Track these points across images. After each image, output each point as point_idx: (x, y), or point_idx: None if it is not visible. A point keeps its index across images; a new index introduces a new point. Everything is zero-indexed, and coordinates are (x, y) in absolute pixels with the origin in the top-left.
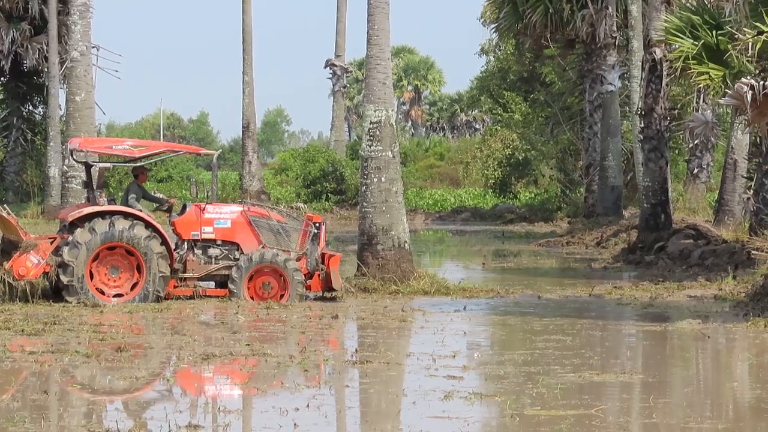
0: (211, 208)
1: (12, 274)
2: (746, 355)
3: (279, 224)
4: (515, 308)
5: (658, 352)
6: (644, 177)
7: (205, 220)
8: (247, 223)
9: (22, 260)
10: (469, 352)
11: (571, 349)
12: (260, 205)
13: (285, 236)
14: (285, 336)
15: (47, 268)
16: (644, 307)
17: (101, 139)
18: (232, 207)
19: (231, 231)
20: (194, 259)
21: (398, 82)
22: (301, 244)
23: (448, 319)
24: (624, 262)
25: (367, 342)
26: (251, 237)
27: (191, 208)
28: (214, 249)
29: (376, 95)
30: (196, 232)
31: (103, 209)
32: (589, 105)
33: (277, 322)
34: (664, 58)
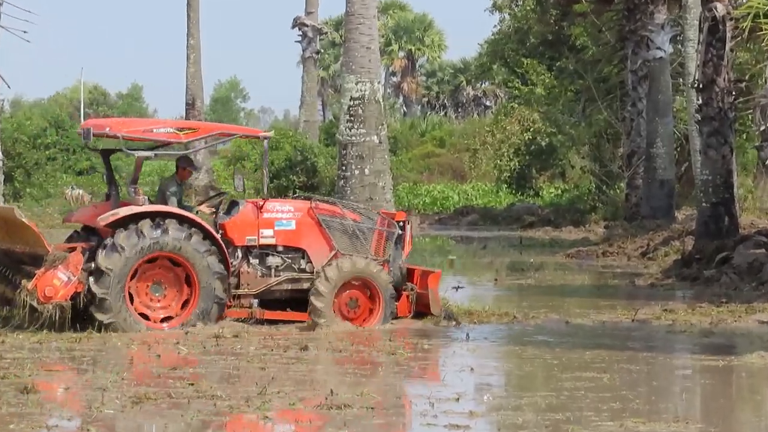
0: (270, 205)
1: (36, 295)
2: None
3: (354, 224)
4: (536, 337)
5: (720, 394)
6: (702, 168)
7: (264, 221)
8: (316, 223)
9: (49, 278)
10: (477, 394)
11: (608, 390)
12: (330, 201)
13: (362, 239)
14: (240, 373)
15: (80, 287)
16: (703, 336)
17: (138, 121)
18: (297, 203)
19: (296, 234)
20: (250, 271)
21: (387, 47)
22: (382, 249)
23: (450, 350)
24: (677, 278)
25: (347, 380)
26: (321, 241)
27: (245, 207)
28: (274, 257)
29: (358, 63)
30: (253, 236)
31: (144, 210)
32: (631, 76)
33: (230, 356)
34: (728, 16)
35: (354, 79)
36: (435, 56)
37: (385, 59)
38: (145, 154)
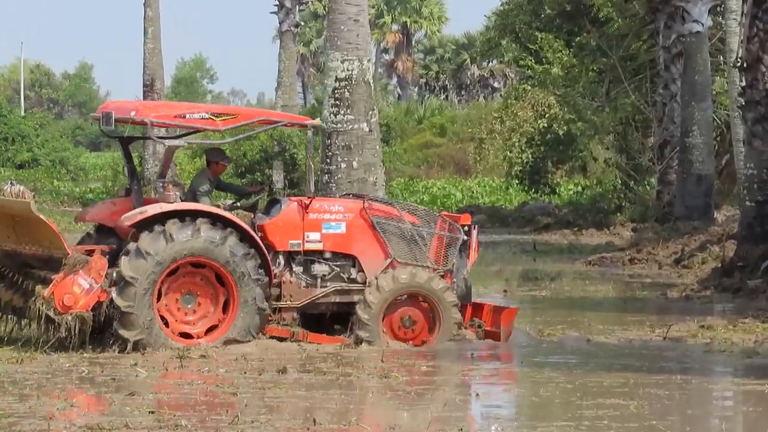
0: (317, 204)
1: (53, 304)
2: None
3: (413, 228)
4: (552, 358)
5: (766, 424)
6: (747, 161)
7: (311, 222)
8: (369, 226)
9: (68, 285)
10: (483, 424)
11: (636, 419)
12: (385, 201)
13: (422, 246)
14: (208, 399)
15: (103, 296)
16: (746, 357)
17: (168, 104)
18: (347, 203)
19: (346, 238)
20: (293, 281)
21: (378, 19)
22: (443, 258)
23: (451, 373)
24: (716, 289)
25: (331, 408)
26: (375, 247)
27: (289, 205)
28: (320, 265)
29: (345, 38)
30: (297, 240)
31: (175, 208)
32: (664, 54)
33: (198, 379)
34: None
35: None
36: (434, 30)
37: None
38: (177, 143)
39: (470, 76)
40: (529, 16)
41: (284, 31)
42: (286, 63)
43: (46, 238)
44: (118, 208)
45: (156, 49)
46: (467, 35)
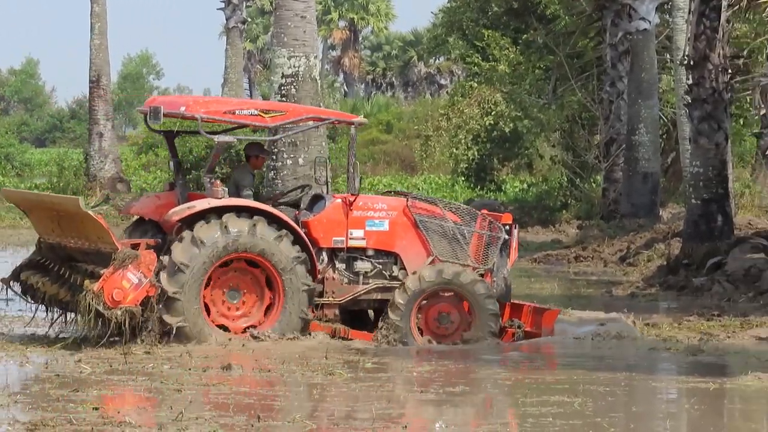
0: (361, 202)
1: (103, 299)
2: None
3: (455, 226)
4: (496, 355)
5: (710, 422)
6: (693, 159)
7: (354, 219)
8: (412, 224)
9: (117, 279)
10: (427, 421)
11: (580, 417)
12: (428, 199)
13: (464, 244)
14: (153, 395)
15: (152, 290)
16: (691, 354)
17: (218, 99)
18: (391, 200)
19: (389, 236)
20: (336, 277)
21: (325, 16)
22: (483, 256)
23: (396, 369)
24: (661, 287)
25: (276, 405)
26: (417, 245)
27: (333, 202)
28: (363, 262)
29: (291, 35)
30: (340, 237)
31: (224, 204)
32: (611, 51)
33: (142, 375)
34: None
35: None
36: (381, 27)
37: (323, 30)
38: (227, 139)
39: (417, 73)
40: (476, 14)
41: (231, 27)
42: (232, 59)
43: (94, 233)
44: (162, 203)
45: (102, 45)
46: (414, 32)
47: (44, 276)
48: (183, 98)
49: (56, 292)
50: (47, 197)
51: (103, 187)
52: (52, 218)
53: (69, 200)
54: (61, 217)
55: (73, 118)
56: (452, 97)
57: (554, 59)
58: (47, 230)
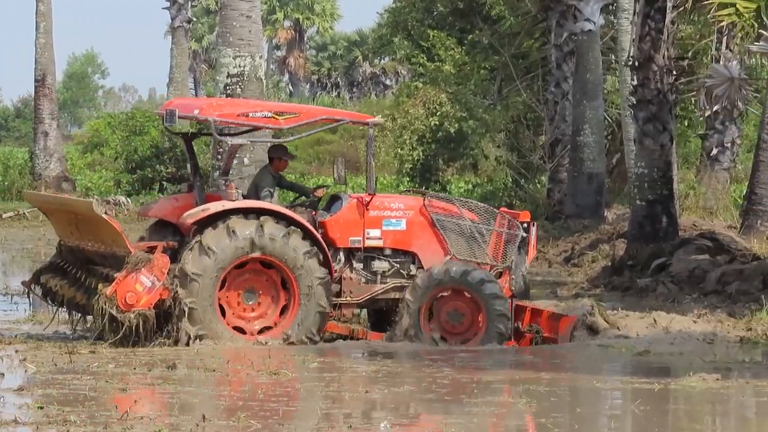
0: (378, 201)
1: (116, 303)
2: None
3: (473, 225)
4: (442, 355)
5: (655, 423)
6: (637, 160)
7: (371, 219)
8: (429, 224)
9: (130, 283)
10: (372, 420)
11: (524, 417)
12: (445, 198)
13: (482, 243)
14: (97, 394)
15: (165, 293)
16: (636, 354)
17: (232, 102)
18: (407, 200)
19: (406, 235)
20: (353, 277)
21: (270, 16)
22: (501, 254)
23: (341, 369)
24: (606, 287)
25: (221, 405)
26: (434, 244)
27: (349, 202)
28: (380, 261)
29: (237, 34)
30: (357, 237)
31: (238, 206)
32: (556, 52)
33: (86, 374)
34: None
35: (231, 52)
36: (326, 27)
37: (268, 30)
38: (240, 142)
39: (362, 74)
40: (421, 14)
41: (176, 26)
42: (178, 59)
43: (108, 236)
44: (180, 204)
45: (48, 44)
46: (359, 32)
47: (63, 279)
48: (198, 101)
49: (73, 295)
50: (64, 200)
51: (48, 186)
52: (71, 221)
53: (83, 203)
54: (78, 220)
55: (18, 117)
56: (397, 98)
57: (499, 60)
58: (66, 233)
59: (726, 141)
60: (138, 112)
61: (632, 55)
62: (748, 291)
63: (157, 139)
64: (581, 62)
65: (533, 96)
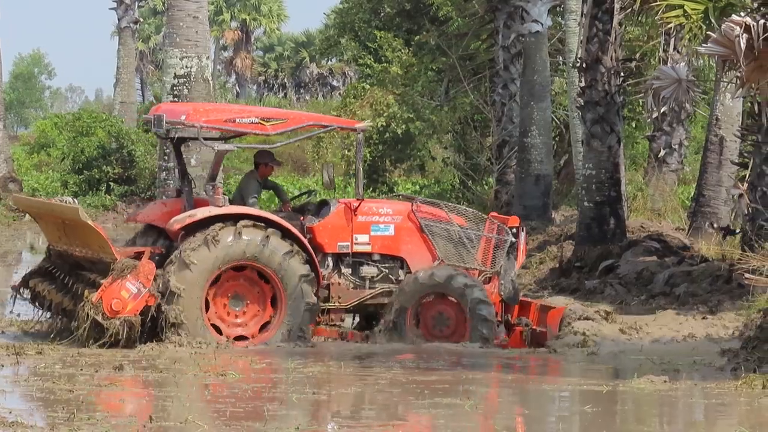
0: (366, 207)
1: (101, 309)
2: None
3: (461, 230)
4: (391, 356)
5: (603, 425)
6: (585, 162)
7: (359, 224)
8: (417, 229)
9: (116, 289)
10: (320, 422)
11: (472, 419)
12: (433, 203)
13: (470, 247)
14: (45, 395)
15: (151, 300)
16: (584, 357)
17: (219, 107)
18: (396, 205)
19: (394, 240)
20: (341, 282)
21: (217, 16)
22: (490, 259)
23: (287, 370)
24: (554, 289)
25: (168, 405)
26: (422, 249)
27: (337, 208)
28: (369, 267)
29: (184, 35)
30: (345, 242)
31: (224, 212)
32: (503, 53)
33: (33, 375)
34: None
35: (178, 53)
36: (273, 28)
37: (215, 30)
38: (227, 147)
39: (309, 75)
40: (368, 15)
41: (123, 27)
42: (124, 59)
43: (95, 242)
44: (168, 209)
45: None
46: (306, 33)
47: (51, 284)
48: (184, 107)
49: (60, 300)
50: (51, 205)
51: None
52: (58, 226)
53: (69, 209)
54: (66, 226)
55: None
56: (344, 99)
57: (447, 61)
58: (55, 237)
59: (674, 143)
60: (85, 112)
61: (580, 57)
62: (696, 293)
63: (103, 140)
64: (529, 64)
65: (480, 97)
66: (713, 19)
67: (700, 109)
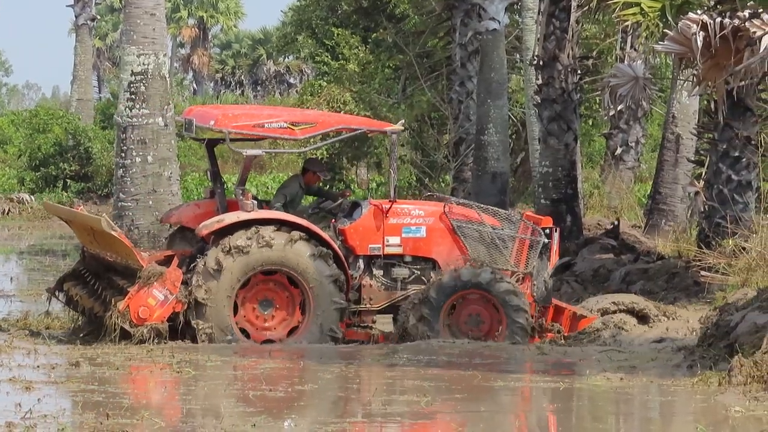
0: (398, 208)
1: (129, 317)
2: (692, 429)
3: (493, 231)
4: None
5: (560, 422)
6: (542, 160)
7: (390, 226)
8: (449, 230)
9: (143, 297)
10: (276, 420)
11: (427, 416)
12: (466, 204)
13: (502, 248)
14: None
15: (178, 306)
16: (541, 353)
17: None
18: (428, 206)
19: (426, 242)
20: (373, 284)
21: (174, 14)
22: (524, 260)
23: (244, 367)
24: None
25: (125, 402)
26: (454, 251)
27: (368, 209)
28: (400, 268)
29: (141, 32)
30: (377, 244)
31: (252, 217)
32: (460, 51)
33: None
34: None
35: (135, 50)
36: (230, 25)
37: (172, 28)
38: (255, 153)
39: (266, 72)
40: (325, 12)
41: (80, 24)
42: (81, 56)
43: (121, 251)
44: (202, 211)
45: None
46: (264, 30)
47: (83, 288)
48: (214, 111)
49: (92, 306)
50: (77, 215)
51: None
52: (88, 232)
53: (92, 219)
54: (94, 232)
55: None
56: (301, 96)
57: (404, 58)
58: (87, 241)
59: (630, 140)
60: (42, 109)
61: (537, 55)
62: (653, 290)
63: (60, 137)
64: (486, 61)
65: (437, 95)
66: (670, 17)
67: (657, 107)
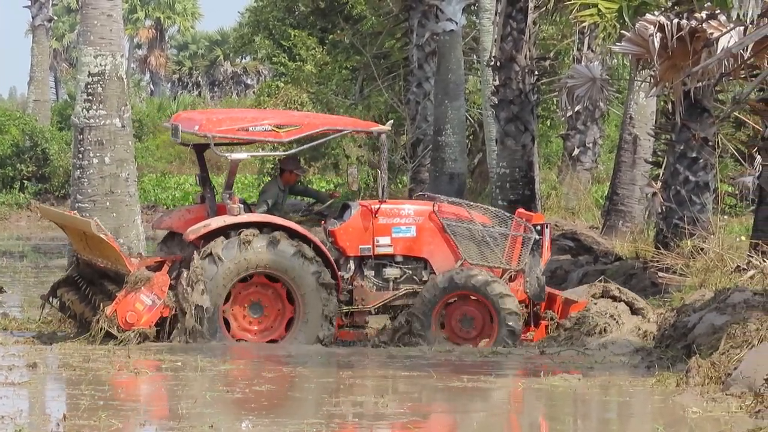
0: (387, 208)
1: (116, 322)
2: (649, 429)
3: (485, 229)
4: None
5: (517, 422)
6: (499, 160)
7: (380, 227)
8: (439, 229)
9: (130, 302)
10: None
11: (384, 417)
12: (456, 202)
13: (493, 246)
14: None
15: (165, 311)
16: (493, 354)
17: (231, 115)
18: (417, 206)
19: (416, 242)
20: (364, 285)
21: (131, 15)
22: (515, 257)
23: (203, 368)
24: None
25: (82, 404)
26: (445, 249)
27: (357, 210)
28: (391, 269)
29: (98, 33)
30: (367, 245)
31: (239, 221)
32: (417, 52)
33: None
34: None
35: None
36: (187, 26)
37: (129, 29)
38: (240, 157)
39: (223, 73)
40: (282, 13)
41: (37, 25)
42: (38, 57)
43: (110, 254)
44: (192, 216)
45: None
46: (221, 31)
47: (75, 294)
48: (199, 116)
49: (83, 311)
50: (69, 218)
51: None
52: (81, 236)
53: (82, 221)
54: (86, 236)
55: None
56: (258, 97)
57: (361, 59)
58: (80, 247)
59: (588, 141)
60: None
61: (494, 56)
62: None
63: (17, 138)
64: (443, 62)
65: (395, 96)
66: (627, 18)
67: (614, 107)
